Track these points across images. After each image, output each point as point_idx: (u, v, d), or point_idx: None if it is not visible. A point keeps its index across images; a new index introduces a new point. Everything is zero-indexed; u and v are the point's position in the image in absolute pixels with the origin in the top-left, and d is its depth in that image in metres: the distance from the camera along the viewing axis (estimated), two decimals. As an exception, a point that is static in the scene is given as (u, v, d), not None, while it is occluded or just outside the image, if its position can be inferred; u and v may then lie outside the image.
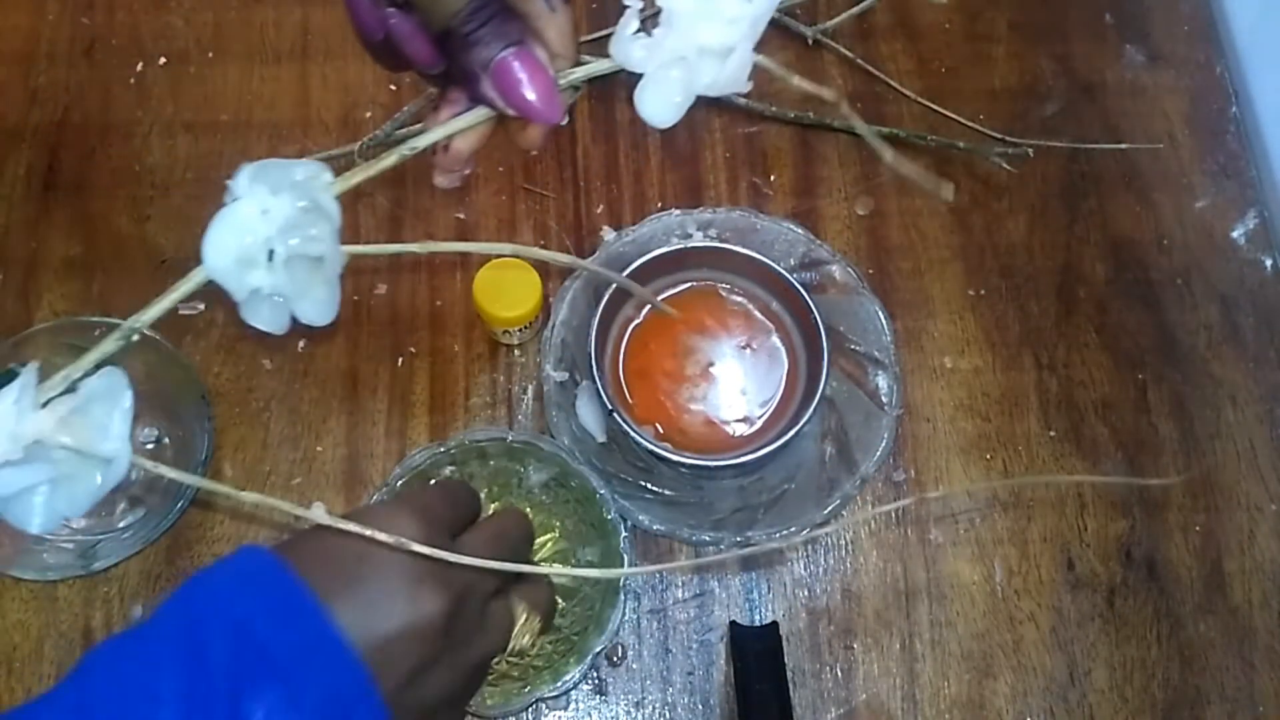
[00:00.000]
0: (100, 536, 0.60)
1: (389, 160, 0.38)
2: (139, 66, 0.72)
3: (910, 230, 0.69)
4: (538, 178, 0.70)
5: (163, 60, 0.73)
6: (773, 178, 0.70)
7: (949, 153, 0.71)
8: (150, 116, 0.71)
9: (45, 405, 0.34)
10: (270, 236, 0.34)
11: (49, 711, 0.34)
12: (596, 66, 0.39)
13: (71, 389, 0.35)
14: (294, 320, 0.36)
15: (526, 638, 0.46)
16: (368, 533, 0.38)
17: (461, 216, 0.69)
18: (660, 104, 0.37)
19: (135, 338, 0.36)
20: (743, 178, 0.70)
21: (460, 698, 0.43)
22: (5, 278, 0.66)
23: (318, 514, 0.37)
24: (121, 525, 0.60)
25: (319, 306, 0.36)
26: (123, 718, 0.34)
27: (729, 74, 0.36)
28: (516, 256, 0.38)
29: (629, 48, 0.37)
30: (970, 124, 0.71)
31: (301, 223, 0.35)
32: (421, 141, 0.38)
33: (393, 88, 0.72)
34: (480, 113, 0.39)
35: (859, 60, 0.73)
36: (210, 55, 0.73)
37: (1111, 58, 0.75)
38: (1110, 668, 0.60)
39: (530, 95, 0.37)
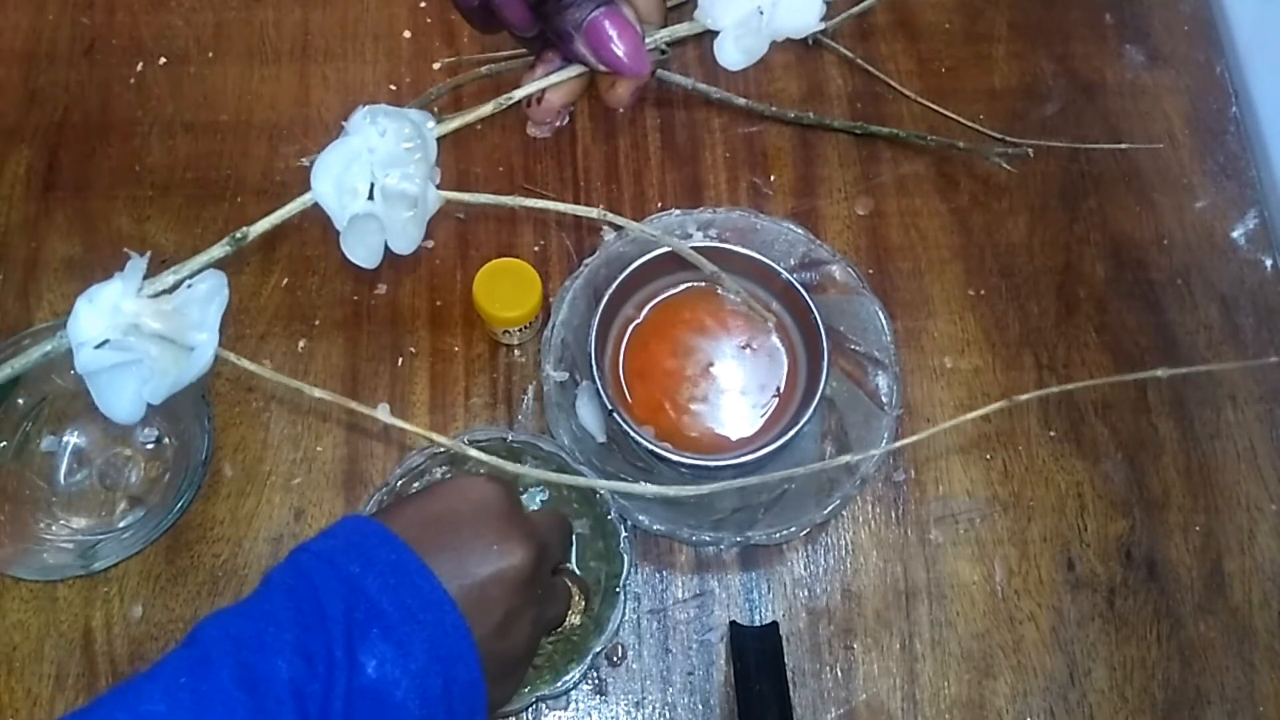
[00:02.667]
0: (100, 536, 0.60)
1: (485, 109, 0.40)
2: (139, 66, 0.72)
3: (910, 230, 0.69)
4: (538, 178, 0.70)
5: (163, 60, 0.73)
6: (773, 178, 0.70)
7: (949, 153, 0.71)
8: (150, 116, 0.71)
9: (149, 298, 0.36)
10: (373, 170, 0.37)
11: (168, 670, 0.36)
12: (680, 28, 0.42)
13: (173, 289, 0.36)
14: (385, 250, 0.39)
15: (576, 617, 0.53)
16: (471, 449, 0.40)
17: (461, 216, 0.69)
18: (739, 53, 0.41)
19: (246, 241, 0.38)
20: (743, 178, 0.70)
21: (527, 660, 0.46)
22: (5, 278, 0.66)
23: (382, 414, 0.40)
24: (121, 525, 0.60)
25: (407, 240, 0.39)
26: (246, 656, 0.36)
27: (803, 18, 0.40)
28: (604, 221, 0.41)
29: (711, 4, 0.40)
30: (970, 124, 0.71)
31: (402, 160, 0.37)
32: (517, 94, 0.42)
33: (393, 87, 0.72)
34: (573, 70, 0.41)
35: (859, 60, 0.73)
36: (210, 55, 0.73)
37: (1111, 58, 0.75)
38: (1110, 668, 0.60)
39: (619, 51, 0.40)
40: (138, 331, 0.35)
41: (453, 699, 0.39)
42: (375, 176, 0.37)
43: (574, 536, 0.59)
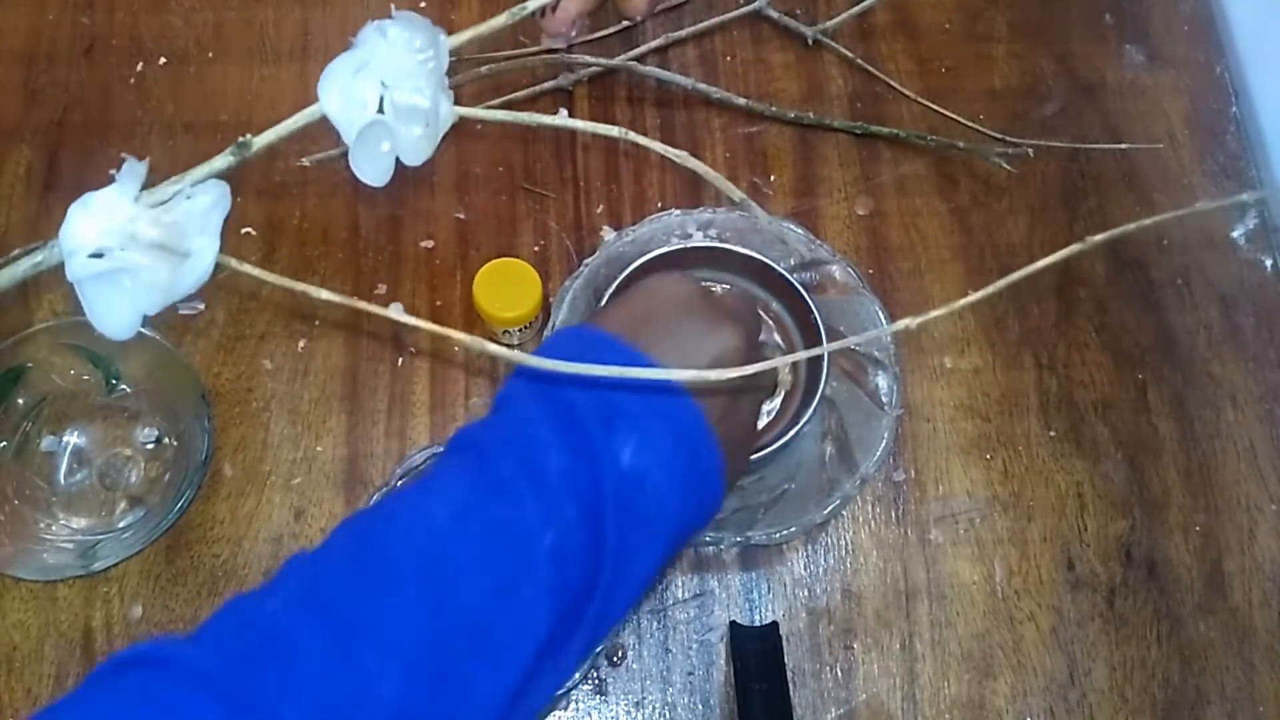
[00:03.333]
0: (100, 536, 0.60)
1: (499, 20, 0.41)
2: (139, 66, 0.72)
3: (910, 230, 0.69)
4: (538, 178, 0.70)
5: (163, 60, 0.73)
6: (773, 178, 0.70)
7: (949, 153, 0.71)
8: (150, 116, 0.71)
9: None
10: (382, 82, 0.36)
11: (450, 467, 0.40)
12: None
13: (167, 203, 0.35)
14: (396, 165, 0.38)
15: (787, 374, 0.55)
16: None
17: (461, 216, 0.69)
18: None
19: (250, 150, 0.36)
20: (743, 178, 0.70)
21: (754, 430, 0.50)
22: (5, 278, 0.66)
23: (395, 312, 0.39)
24: (121, 525, 0.60)
25: (418, 155, 0.38)
26: (521, 454, 0.39)
27: None
28: (625, 139, 0.41)
29: None
30: (970, 124, 0.71)
31: (413, 73, 0.36)
32: (532, 4, 0.41)
33: (393, 88, 0.72)
34: None
35: (859, 60, 0.73)
36: (210, 55, 0.73)
37: (1111, 58, 0.75)
38: (1110, 668, 0.60)
39: None
40: (134, 241, 0.33)
41: (699, 480, 0.42)
42: (385, 89, 0.36)
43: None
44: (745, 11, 0.74)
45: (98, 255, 0.33)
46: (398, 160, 0.37)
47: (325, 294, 0.37)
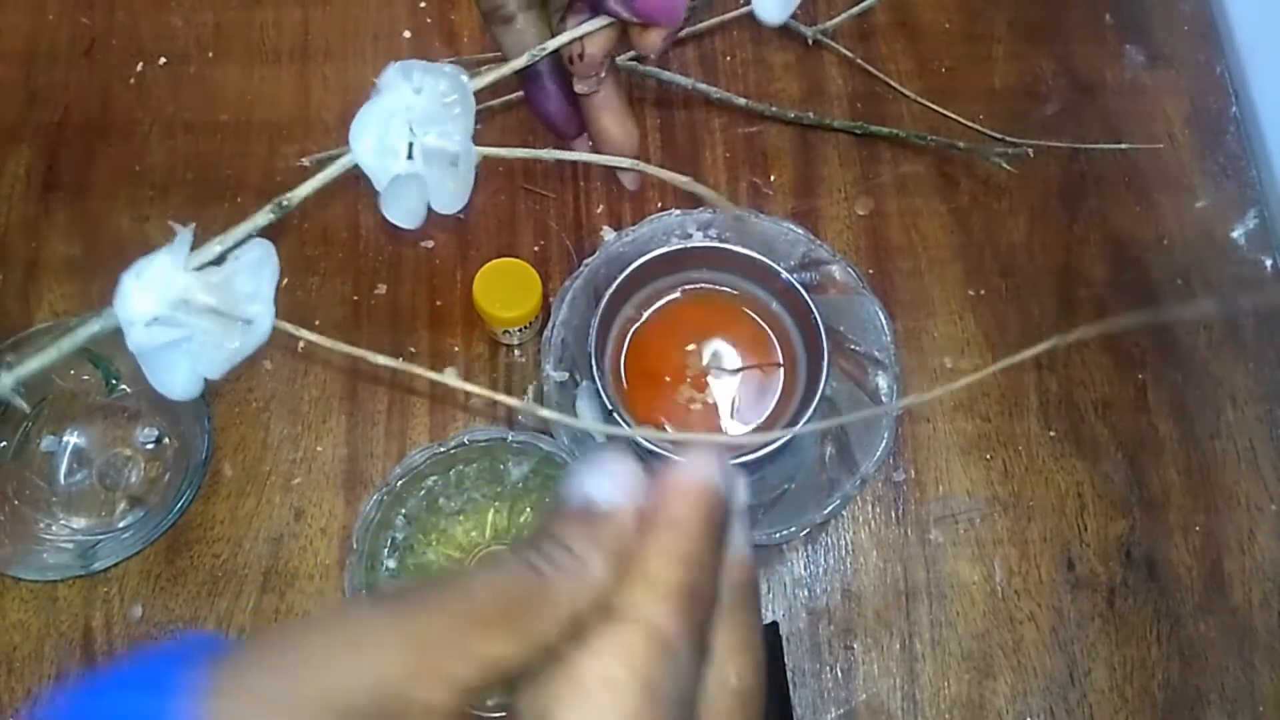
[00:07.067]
0: (100, 536, 0.60)
1: (520, 61, 0.41)
2: (139, 66, 0.72)
3: (910, 230, 0.69)
4: (538, 178, 0.70)
5: (163, 60, 0.73)
6: (773, 178, 0.70)
7: (949, 153, 0.71)
8: (150, 116, 0.71)
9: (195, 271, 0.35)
10: (411, 128, 0.36)
11: None
12: None
13: (219, 261, 0.35)
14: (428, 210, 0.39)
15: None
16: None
17: (461, 217, 0.69)
18: (777, 5, 0.41)
19: (291, 208, 0.37)
20: (743, 178, 0.70)
21: None
22: (5, 278, 0.66)
23: (450, 378, 0.38)
24: (121, 525, 0.60)
25: (450, 199, 0.39)
26: None
27: None
28: (635, 170, 0.42)
29: None
30: (970, 124, 0.71)
31: (440, 118, 0.37)
32: (550, 44, 0.42)
33: (393, 88, 0.72)
34: (602, 19, 0.42)
35: (859, 60, 0.73)
36: (210, 55, 0.73)
37: (1111, 58, 0.75)
38: (1110, 668, 0.60)
39: (654, 1, 0.40)
40: (187, 306, 0.35)
41: None
42: (414, 135, 0.37)
43: None
44: (745, 11, 0.74)
45: (153, 322, 0.34)
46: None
47: (381, 359, 0.37)
